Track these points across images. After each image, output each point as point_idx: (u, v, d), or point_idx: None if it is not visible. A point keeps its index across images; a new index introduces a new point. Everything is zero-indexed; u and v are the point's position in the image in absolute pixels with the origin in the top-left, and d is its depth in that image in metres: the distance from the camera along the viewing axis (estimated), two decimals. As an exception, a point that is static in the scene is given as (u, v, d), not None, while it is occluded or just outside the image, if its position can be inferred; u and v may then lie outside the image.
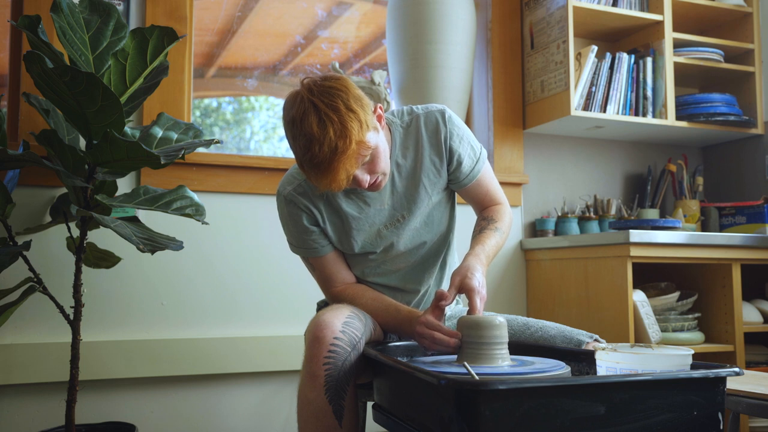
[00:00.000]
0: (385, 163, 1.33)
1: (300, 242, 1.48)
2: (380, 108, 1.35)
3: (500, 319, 1.18)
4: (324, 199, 1.43)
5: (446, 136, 1.44)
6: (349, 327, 1.27)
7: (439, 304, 1.28)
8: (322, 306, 1.61)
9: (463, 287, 1.28)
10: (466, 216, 1.81)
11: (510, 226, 1.53)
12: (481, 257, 1.36)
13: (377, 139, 1.30)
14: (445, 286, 1.58)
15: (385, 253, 1.47)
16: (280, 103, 2.65)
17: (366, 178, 1.31)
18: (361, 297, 1.45)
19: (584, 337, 1.39)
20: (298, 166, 1.32)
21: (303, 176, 1.42)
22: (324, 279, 1.51)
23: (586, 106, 2.40)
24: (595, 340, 1.39)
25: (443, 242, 1.53)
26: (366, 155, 1.26)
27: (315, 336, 1.24)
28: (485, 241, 1.41)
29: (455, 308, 1.64)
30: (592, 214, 2.55)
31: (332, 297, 1.51)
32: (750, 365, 2.31)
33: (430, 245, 1.51)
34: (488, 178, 1.53)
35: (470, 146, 1.48)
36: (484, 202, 1.54)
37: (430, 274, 1.53)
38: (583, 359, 1.25)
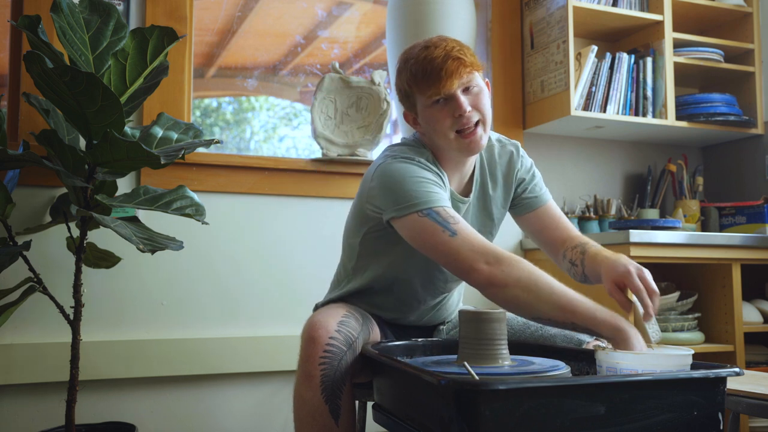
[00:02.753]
0: (486, 107, 1.37)
1: (437, 191, 1.31)
2: (487, 84, 1.42)
3: (500, 313, 1.18)
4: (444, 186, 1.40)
5: (518, 168, 1.51)
6: (344, 327, 1.27)
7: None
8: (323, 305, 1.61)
9: (640, 276, 1.24)
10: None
11: None
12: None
13: (485, 90, 1.38)
14: (448, 309, 1.58)
15: None
16: (280, 103, 2.65)
17: (467, 106, 1.33)
18: (539, 271, 1.24)
19: (584, 336, 1.39)
20: (409, 82, 1.36)
21: (428, 153, 1.40)
22: (473, 231, 1.27)
23: (586, 106, 2.40)
24: (596, 339, 1.40)
25: None
26: (473, 82, 1.34)
27: (310, 336, 1.24)
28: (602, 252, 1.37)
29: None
30: (592, 214, 2.55)
31: (502, 252, 1.24)
32: (750, 365, 2.31)
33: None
34: (559, 209, 1.56)
35: (539, 177, 1.55)
36: (558, 229, 1.50)
37: (443, 291, 1.53)
38: (583, 359, 1.25)
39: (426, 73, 1.32)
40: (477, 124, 1.35)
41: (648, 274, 1.24)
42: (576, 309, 1.17)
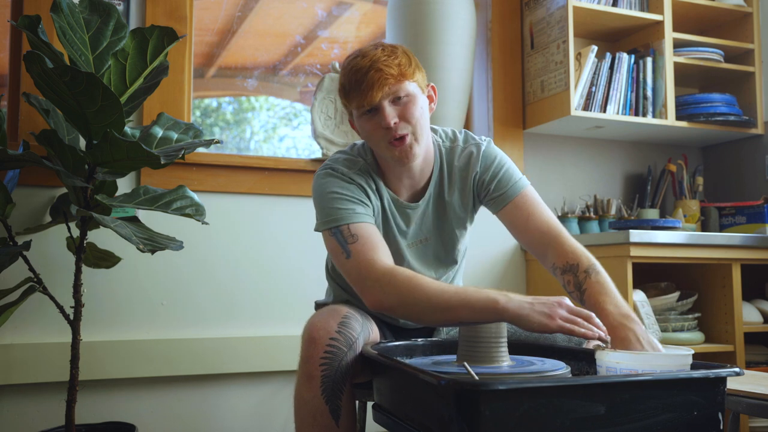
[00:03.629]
0: (418, 118, 1.34)
1: (349, 205, 1.34)
2: (433, 89, 1.41)
3: None
4: (375, 196, 1.41)
5: (475, 172, 1.45)
6: (345, 327, 1.27)
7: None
8: (320, 306, 1.61)
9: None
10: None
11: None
12: (631, 315, 1.19)
13: (419, 98, 1.35)
14: None
15: (411, 266, 1.46)
16: (280, 103, 2.65)
17: (393, 119, 1.31)
18: (418, 277, 1.23)
19: (583, 335, 1.39)
20: (342, 94, 1.36)
21: (358, 166, 1.41)
22: (369, 248, 1.28)
23: (586, 106, 2.40)
24: (597, 338, 1.39)
25: (453, 272, 1.56)
26: (401, 92, 1.32)
27: (311, 336, 1.24)
28: (607, 299, 1.24)
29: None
30: (592, 214, 2.55)
31: (380, 272, 1.24)
32: (750, 365, 2.31)
33: (446, 272, 1.53)
34: (531, 205, 1.43)
35: (505, 172, 1.45)
36: (531, 232, 1.40)
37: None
38: (583, 359, 1.25)
39: (352, 84, 1.32)
40: (406, 134, 1.33)
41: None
42: (453, 306, 1.16)
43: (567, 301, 1.18)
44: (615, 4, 2.49)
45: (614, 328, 1.17)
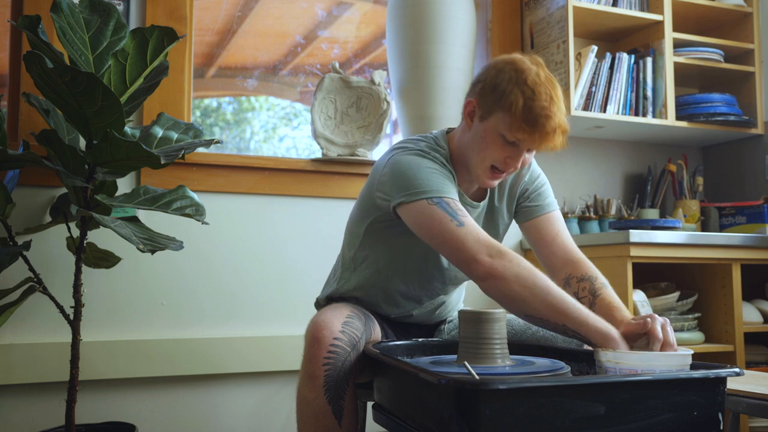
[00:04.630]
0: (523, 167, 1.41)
1: (448, 184, 1.33)
2: None
3: (500, 313, 1.18)
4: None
5: (523, 181, 1.50)
6: (349, 327, 1.27)
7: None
8: (322, 305, 1.60)
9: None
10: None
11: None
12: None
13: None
14: (446, 308, 1.60)
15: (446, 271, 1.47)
16: (280, 103, 2.65)
17: (519, 164, 1.36)
18: (538, 272, 1.23)
19: (583, 338, 1.39)
20: (513, 105, 1.29)
21: (435, 152, 1.39)
22: (477, 231, 1.26)
23: (586, 106, 2.40)
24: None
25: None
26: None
27: (314, 336, 1.24)
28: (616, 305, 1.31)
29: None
30: (592, 214, 2.55)
31: (502, 247, 1.24)
32: (750, 365, 2.31)
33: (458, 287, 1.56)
34: (563, 225, 1.49)
35: (546, 188, 1.52)
36: (555, 245, 1.43)
37: (440, 293, 1.54)
38: (583, 359, 1.25)
39: (536, 123, 1.29)
40: (506, 174, 1.39)
41: (669, 326, 1.19)
42: (569, 312, 1.17)
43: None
44: (615, 4, 2.49)
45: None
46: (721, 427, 1.00)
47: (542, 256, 1.47)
